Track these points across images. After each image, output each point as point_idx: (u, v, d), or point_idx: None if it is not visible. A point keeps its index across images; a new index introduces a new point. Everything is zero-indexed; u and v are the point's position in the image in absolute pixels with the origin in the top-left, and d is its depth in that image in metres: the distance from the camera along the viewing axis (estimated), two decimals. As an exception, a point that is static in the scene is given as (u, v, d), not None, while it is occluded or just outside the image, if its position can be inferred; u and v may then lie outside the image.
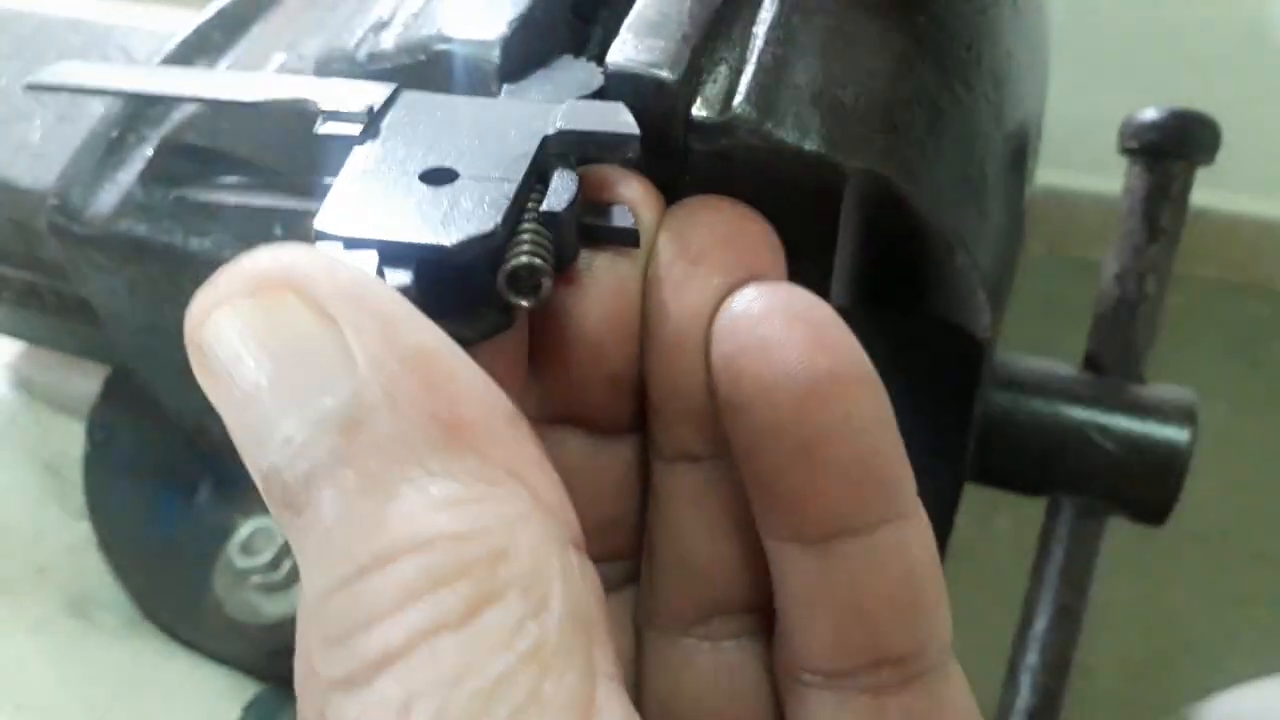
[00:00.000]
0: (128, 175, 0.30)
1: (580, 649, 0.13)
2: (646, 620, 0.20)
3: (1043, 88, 0.29)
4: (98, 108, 0.34)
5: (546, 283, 0.15)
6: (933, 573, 0.18)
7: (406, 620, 0.12)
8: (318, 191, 0.16)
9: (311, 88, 0.17)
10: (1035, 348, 0.36)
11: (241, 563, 0.36)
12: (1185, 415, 0.31)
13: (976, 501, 0.31)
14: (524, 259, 0.15)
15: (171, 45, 0.33)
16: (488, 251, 0.16)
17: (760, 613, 0.19)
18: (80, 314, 0.37)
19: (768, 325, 0.16)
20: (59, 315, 0.38)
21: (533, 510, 0.13)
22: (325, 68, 0.22)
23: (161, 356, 0.34)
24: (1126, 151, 0.32)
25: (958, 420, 0.27)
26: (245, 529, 0.36)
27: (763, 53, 0.19)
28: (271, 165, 0.26)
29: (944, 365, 0.25)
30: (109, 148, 0.30)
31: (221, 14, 0.34)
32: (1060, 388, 0.31)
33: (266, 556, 0.35)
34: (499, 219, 0.15)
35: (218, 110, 0.18)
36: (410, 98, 0.17)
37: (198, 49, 0.33)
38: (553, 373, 0.19)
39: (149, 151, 0.29)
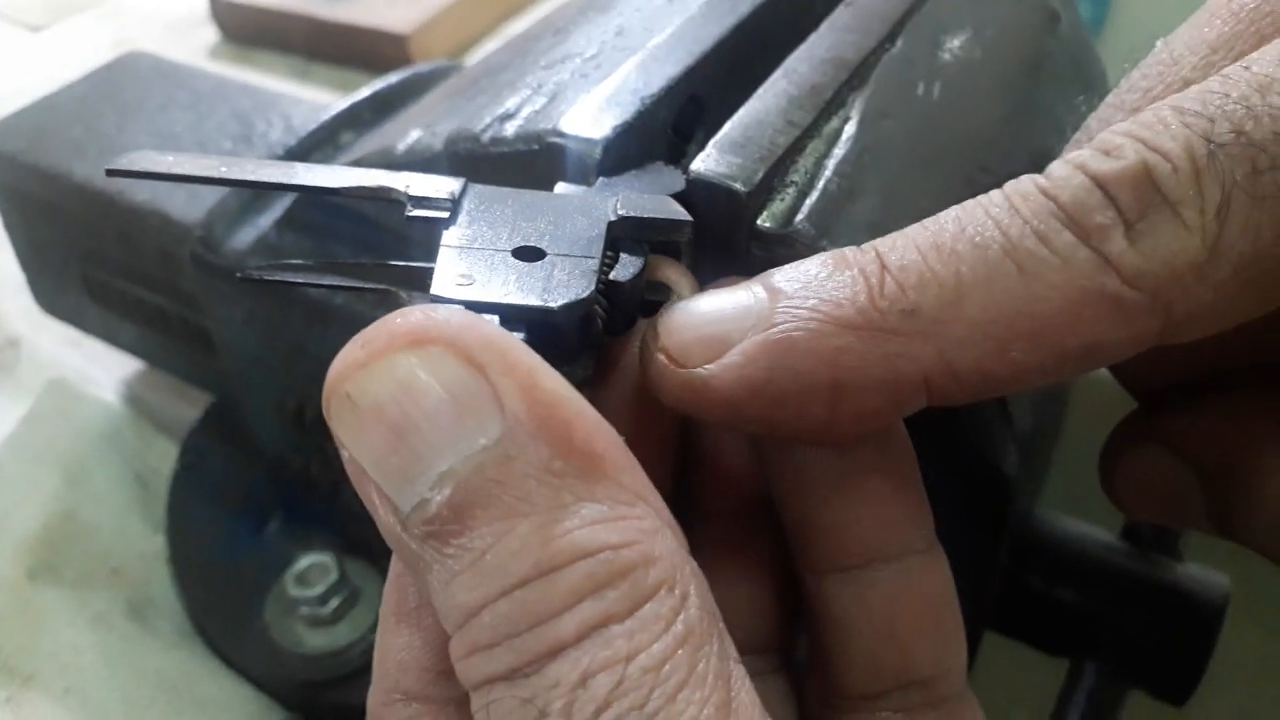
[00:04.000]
0: (266, 220, 0.33)
1: (715, 634, 0.15)
2: None
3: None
4: (250, 157, 0.38)
5: (601, 324, 0.18)
6: (953, 601, 0.20)
7: (578, 615, 0.14)
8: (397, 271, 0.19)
9: (389, 179, 0.20)
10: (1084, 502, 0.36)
11: (294, 591, 0.38)
12: (1216, 601, 0.31)
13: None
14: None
15: (325, 116, 0.37)
16: (581, 315, 0.18)
17: (781, 651, 0.22)
18: (199, 342, 0.41)
19: None
20: (180, 340, 0.42)
21: (661, 523, 0.16)
22: (453, 145, 0.25)
23: (260, 385, 0.37)
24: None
25: (981, 559, 0.28)
26: (304, 561, 0.38)
27: (829, 181, 0.22)
28: (391, 226, 0.29)
29: (971, 499, 0.26)
30: (256, 194, 0.34)
31: (374, 96, 0.38)
32: (1094, 554, 0.32)
33: (318, 590, 0.37)
34: (591, 287, 0.18)
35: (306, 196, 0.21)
36: (479, 189, 0.20)
37: (347, 122, 0.37)
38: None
39: (288, 202, 0.33)
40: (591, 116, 0.23)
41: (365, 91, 0.38)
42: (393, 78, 0.39)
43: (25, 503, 0.43)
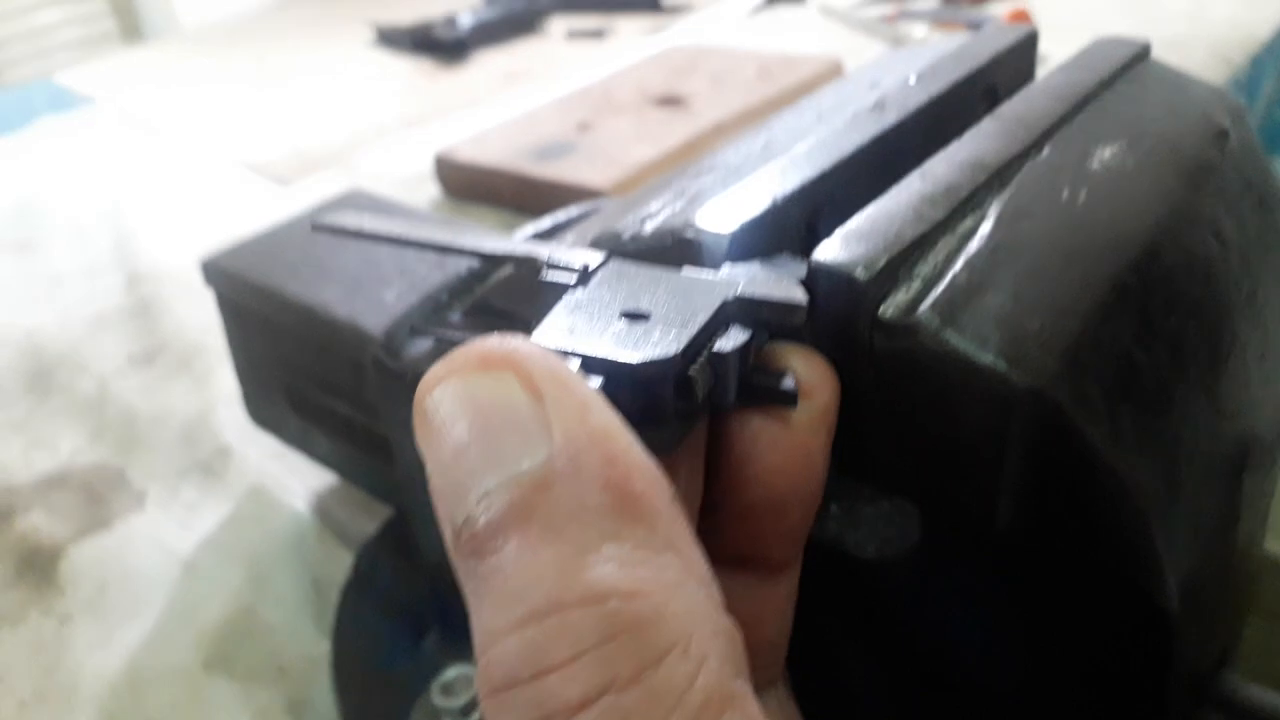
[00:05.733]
0: (442, 328, 0.35)
1: (740, 700, 0.14)
2: None
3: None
4: (439, 279, 0.41)
5: (700, 391, 0.18)
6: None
7: (580, 676, 0.14)
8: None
9: (536, 248, 0.21)
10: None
11: (439, 701, 0.38)
12: None
13: None
14: (689, 371, 0.18)
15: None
16: (664, 376, 0.18)
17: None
18: (381, 454, 0.43)
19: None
20: (365, 451, 0.45)
21: (688, 577, 0.15)
22: (597, 244, 0.26)
23: (424, 490, 0.38)
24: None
25: (1146, 710, 0.25)
26: (451, 672, 0.39)
27: (958, 274, 0.21)
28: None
29: (1126, 636, 0.24)
30: (435, 306, 0.37)
31: (554, 226, 0.40)
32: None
33: (462, 700, 0.38)
34: (678, 349, 0.18)
35: (458, 255, 0.22)
36: (618, 265, 0.21)
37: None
38: (734, 525, 0.21)
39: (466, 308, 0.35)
40: (723, 213, 0.23)
41: (547, 221, 0.41)
42: (573, 210, 0.42)
43: (212, 598, 0.46)
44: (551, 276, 0.21)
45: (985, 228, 0.22)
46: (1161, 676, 0.24)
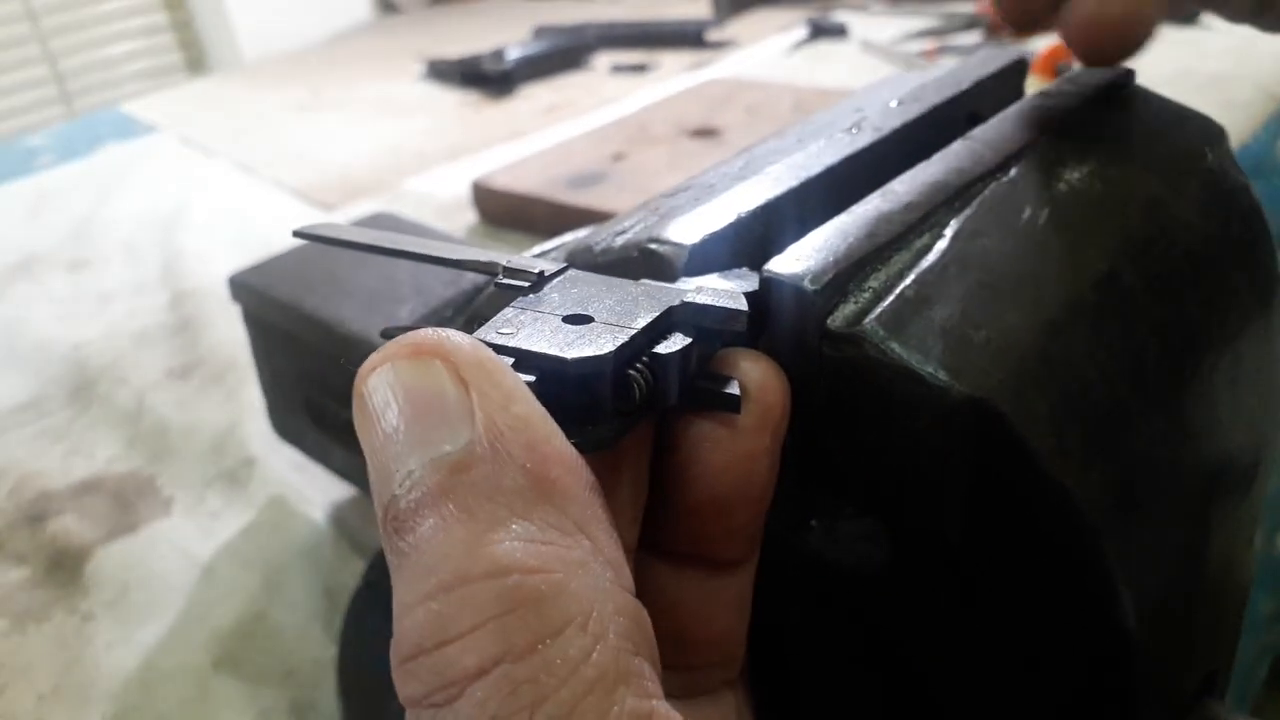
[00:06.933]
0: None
1: (636, 678, 0.15)
2: None
3: (1264, 439, 0.28)
4: (450, 295, 0.42)
5: (638, 391, 0.19)
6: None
7: (478, 645, 0.15)
8: None
9: (498, 257, 0.22)
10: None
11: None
12: None
13: None
14: (628, 372, 0.19)
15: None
16: (597, 373, 0.19)
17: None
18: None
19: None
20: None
21: (593, 558, 0.16)
22: (571, 259, 0.27)
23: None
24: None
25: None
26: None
27: (908, 288, 0.22)
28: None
29: (1088, 654, 0.24)
30: (439, 321, 0.38)
31: (561, 246, 0.41)
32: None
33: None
34: (612, 349, 0.19)
35: (424, 262, 0.23)
36: (575, 273, 0.22)
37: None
38: (682, 522, 0.21)
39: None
40: (688, 228, 0.24)
41: (554, 242, 0.42)
42: (580, 232, 0.43)
43: (226, 600, 0.47)
44: (505, 280, 0.22)
45: (940, 245, 0.23)
46: (1128, 695, 0.24)
